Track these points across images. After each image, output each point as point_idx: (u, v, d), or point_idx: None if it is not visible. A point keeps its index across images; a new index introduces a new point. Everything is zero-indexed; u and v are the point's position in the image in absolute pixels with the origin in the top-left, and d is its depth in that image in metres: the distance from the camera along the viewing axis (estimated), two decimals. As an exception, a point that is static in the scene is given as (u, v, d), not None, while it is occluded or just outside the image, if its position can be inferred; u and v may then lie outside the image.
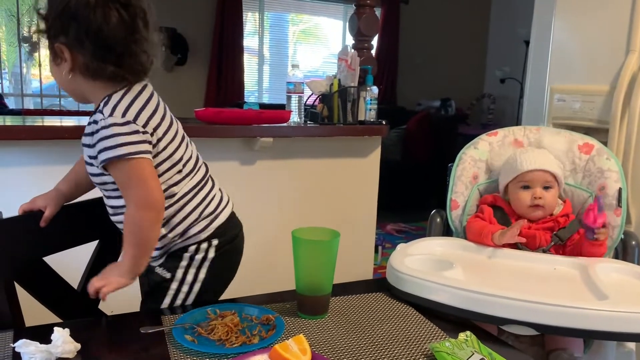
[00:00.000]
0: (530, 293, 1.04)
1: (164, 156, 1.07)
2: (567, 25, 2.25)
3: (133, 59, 1.03)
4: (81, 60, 1.01)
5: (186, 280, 1.14)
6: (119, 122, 0.99)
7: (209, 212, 1.15)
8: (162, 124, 1.07)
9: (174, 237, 1.13)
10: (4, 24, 5.43)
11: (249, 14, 5.91)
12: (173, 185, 1.10)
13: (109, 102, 1.02)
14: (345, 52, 2.34)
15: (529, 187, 1.39)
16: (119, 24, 0.99)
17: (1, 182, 1.74)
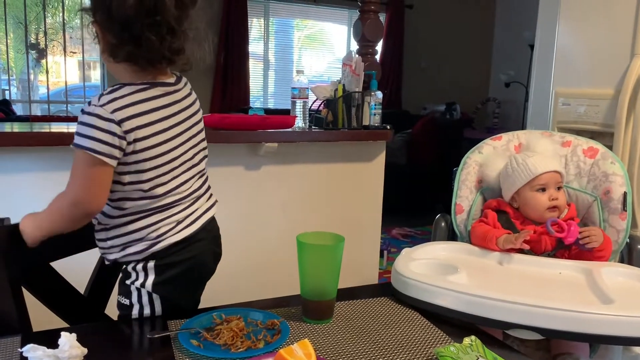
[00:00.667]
0: (536, 297, 1.03)
1: (130, 169, 1.02)
2: (572, 29, 2.25)
3: (150, 43, 1.00)
4: (109, 40, 1.02)
5: (143, 302, 1.10)
6: (103, 117, 0.96)
7: (154, 237, 1.08)
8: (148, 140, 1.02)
9: (112, 247, 1.09)
10: (12, 31, 5.48)
11: (254, 20, 5.94)
12: (127, 200, 1.05)
13: (112, 92, 1.00)
14: (350, 58, 2.35)
15: (545, 189, 1.39)
16: (137, 4, 0.97)
17: (9, 188, 1.75)
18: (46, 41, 5.48)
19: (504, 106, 6.19)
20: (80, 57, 5.66)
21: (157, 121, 1.03)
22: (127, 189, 1.04)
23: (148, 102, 1.03)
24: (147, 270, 1.09)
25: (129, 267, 1.11)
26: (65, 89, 5.52)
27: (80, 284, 1.24)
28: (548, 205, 1.38)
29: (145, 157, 1.02)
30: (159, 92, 1.05)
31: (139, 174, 1.03)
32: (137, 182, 1.03)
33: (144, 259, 1.09)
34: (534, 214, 1.40)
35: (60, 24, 5.48)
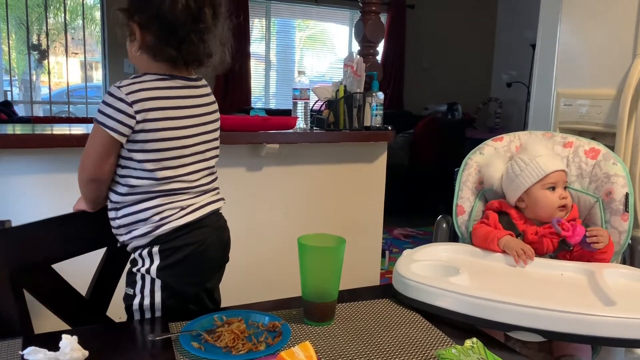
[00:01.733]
0: (537, 299, 1.03)
1: (141, 147, 1.11)
2: (573, 29, 2.25)
3: (192, 47, 1.12)
4: (148, 39, 1.11)
5: (145, 292, 1.16)
6: (118, 96, 1.07)
7: (157, 220, 1.14)
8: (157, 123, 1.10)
9: (120, 227, 1.17)
10: (14, 32, 5.49)
11: (255, 20, 5.95)
12: (137, 179, 1.13)
13: (134, 77, 1.11)
14: (351, 59, 2.35)
15: (554, 187, 1.39)
16: (185, 11, 1.09)
17: (11, 190, 1.75)
18: (48, 42, 5.48)
19: (506, 106, 6.18)
20: (82, 58, 5.66)
21: (170, 108, 1.13)
22: (137, 166, 1.12)
23: (165, 90, 1.13)
24: (152, 255, 1.15)
25: (136, 254, 1.17)
26: (67, 89, 5.53)
27: (82, 286, 1.24)
28: (559, 203, 1.38)
29: (153, 137, 1.10)
30: (178, 84, 1.15)
31: (147, 152, 1.11)
32: (146, 160, 1.11)
33: (148, 243, 1.15)
34: (544, 213, 1.40)
35: (62, 25, 5.48)
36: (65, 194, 1.75)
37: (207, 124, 1.21)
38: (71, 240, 1.19)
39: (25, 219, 1.15)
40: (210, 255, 1.22)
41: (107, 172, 1.13)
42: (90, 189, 1.16)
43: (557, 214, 1.38)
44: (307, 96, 2.26)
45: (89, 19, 5.66)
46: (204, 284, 1.23)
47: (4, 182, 1.74)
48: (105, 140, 1.09)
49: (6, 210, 1.71)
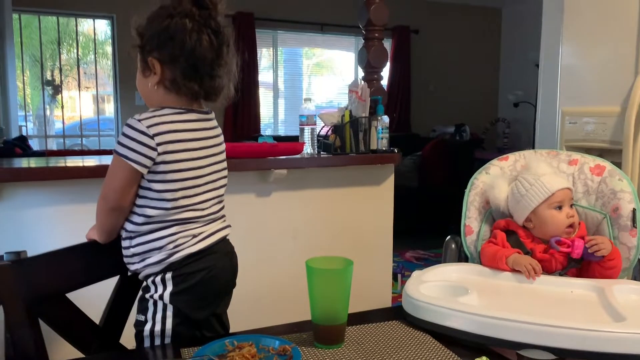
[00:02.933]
0: (548, 317, 1.03)
1: (161, 178, 1.14)
2: (575, 49, 2.27)
3: (213, 81, 1.17)
4: (169, 75, 1.15)
5: (156, 319, 1.17)
6: (139, 129, 1.10)
7: (171, 247, 1.17)
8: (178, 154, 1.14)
9: (134, 255, 1.19)
10: (29, 69, 5.64)
11: (263, 50, 6.06)
12: (155, 209, 1.15)
13: (154, 111, 1.14)
14: (356, 84, 2.39)
15: (561, 207, 1.39)
16: (209, 47, 1.14)
17: (26, 221, 1.79)
18: (61, 77, 5.62)
19: (513, 126, 6.20)
20: (94, 91, 5.79)
21: (188, 140, 1.16)
22: (155, 196, 1.15)
23: (183, 123, 1.16)
24: (165, 282, 1.17)
25: (148, 281, 1.19)
26: (80, 122, 5.64)
27: (95, 313, 1.26)
28: (567, 222, 1.37)
29: (173, 168, 1.14)
30: (194, 117, 1.19)
31: (166, 183, 1.14)
32: (165, 190, 1.14)
33: (161, 270, 1.17)
34: (552, 232, 1.39)
35: (75, 60, 5.62)
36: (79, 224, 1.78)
37: (217, 155, 1.26)
38: (85, 270, 1.22)
39: (40, 249, 1.17)
40: (220, 280, 1.24)
41: (129, 202, 1.16)
42: (110, 219, 1.18)
43: (564, 234, 1.37)
44: (314, 122, 2.30)
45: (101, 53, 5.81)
46: (214, 309, 1.25)
47: (20, 214, 1.78)
48: (127, 171, 1.12)
49: (22, 241, 1.75)
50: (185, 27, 1.12)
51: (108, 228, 1.20)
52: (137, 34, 1.17)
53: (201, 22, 1.13)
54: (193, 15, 1.13)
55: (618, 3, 2.07)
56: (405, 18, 6.20)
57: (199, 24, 1.13)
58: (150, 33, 1.15)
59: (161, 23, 1.13)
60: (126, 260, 1.22)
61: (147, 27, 1.16)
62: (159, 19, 1.14)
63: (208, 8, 1.14)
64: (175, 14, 1.13)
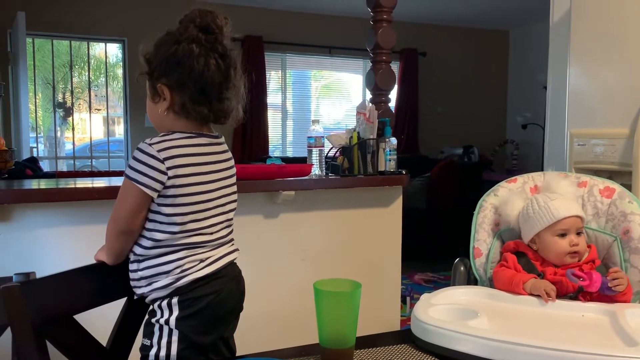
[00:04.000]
0: (559, 341, 1.02)
1: (171, 202, 1.14)
2: (583, 71, 2.28)
3: (222, 104, 1.18)
4: (178, 100, 1.16)
5: (162, 344, 1.17)
6: (150, 153, 1.11)
7: (178, 272, 1.17)
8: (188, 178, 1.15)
9: (141, 279, 1.19)
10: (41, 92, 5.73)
11: (272, 73, 6.12)
12: (163, 233, 1.16)
13: (164, 135, 1.15)
14: (364, 106, 2.40)
15: (565, 234, 1.37)
16: (217, 71, 1.15)
17: (35, 242, 1.80)
18: (72, 99, 5.70)
19: (522, 148, 6.19)
20: (105, 114, 5.87)
21: (198, 164, 1.17)
22: (165, 220, 1.15)
23: (193, 147, 1.17)
24: (172, 306, 1.16)
25: (155, 305, 1.18)
26: (90, 144, 5.70)
27: (102, 335, 1.25)
28: (568, 250, 1.36)
29: (183, 192, 1.14)
30: (204, 142, 1.20)
31: (176, 207, 1.14)
32: (175, 214, 1.15)
33: (168, 295, 1.16)
34: (553, 259, 1.38)
35: (86, 83, 5.71)
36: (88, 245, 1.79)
37: (227, 178, 1.26)
38: (93, 291, 1.22)
39: (48, 270, 1.18)
40: (227, 305, 1.24)
41: (139, 225, 1.16)
42: (120, 242, 1.18)
43: (568, 260, 1.36)
44: (322, 144, 2.31)
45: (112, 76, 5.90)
46: (220, 333, 1.24)
47: (30, 235, 1.80)
48: (137, 195, 1.12)
49: (31, 263, 1.75)
50: (193, 52, 1.13)
51: (117, 251, 1.20)
52: (144, 60, 1.18)
53: (208, 46, 1.14)
54: (200, 40, 1.14)
55: (625, 25, 2.08)
56: (413, 40, 6.26)
57: (206, 49, 1.14)
58: (158, 59, 1.16)
59: (168, 49, 1.14)
60: (133, 284, 1.21)
61: (155, 53, 1.17)
62: (166, 45, 1.15)
63: (214, 33, 1.16)
64: (182, 40, 1.14)
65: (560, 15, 2.58)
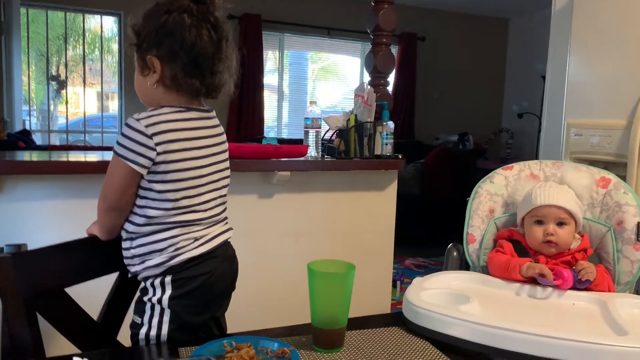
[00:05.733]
0: (549, 328, 1.02)
1: (162, 178, 1.12)
2: (582, 61, 2.27)
3: (214, 77, 1.15)
4: (169, 72, 1.13)
5: (152, 323, 1.15)
6: (138, 130, 1.08)
7: (172, 250, 1.15)
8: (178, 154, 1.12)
9: (134, 257, 1.17)
10: (34, 64, 5.65)
11: (269, 53, 6.06)
12: (156, 209, 1.13)
13: (152, 110, 1.12)
14: (362, 89, 2.39)
15: (543, 222, 1.37)
16: (209, 42, 1.12)
17: (27, 215, 1.79)
18: (66, 73, 5.63)
19: (517, 137, 6.19)
20: (99, 88, 5.80)
21: (189, 139, 1.14)
22: (157, 197, 1.13)
23: (184, 122, 1.14)
24: (165, 285, 1.15)
25: (147, 283, 1.17)
26: (84, 119, 5.65)
27: (93, 310, 1.25)
28: (542, 239, 1.36)
29: (174, 168, 1.12)
30: (194, 116, 1.16)
31: (167, 183, 1.12)
32: (166, 190, 1.12)
33: (161, 273, 1.15)
34: (531, 244, 1.39)
35: (81, 56, 5.64)
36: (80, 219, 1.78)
37: (219, 154, 1.23)
38: (84, 265, 1.21)
39: (40, 243, 1.17)
40: (220, 285, 1.23)
41: (128, 202, 1.14)
42: (110, 218, 1.17)
43: (544, 249, 1.36)
44: (319, 125, 2.30)
45: (106, 50, 5.82)
46: (212, 313, 1.23)
47: (21, 207, 1.78)
48: (126, 172, 1.10)
49: (22, 235, 1.74)
50: (184, 22, 1.10)
51: (108, 227, 1.19)
52: (133, 32, 1.14)
53: (199, 17, 1.11)
54: (191, 10, 1.11)
55: (627, 16, 2.06)
56: (412, 25, 6.21)
57: (198, 19, 1.11)
58: (148, 30, 1.12)
59: (159, 19, 1.11)
60: (126, 262, 1.20)
61: (144, 24, 1.13)
62: (156, 16, 1.12)
63: (205, 3, 1.12)
64: (173, 10, 1.10)
65: (562, 3, 2.56)
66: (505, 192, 1.55)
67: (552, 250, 1.36)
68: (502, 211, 1.55)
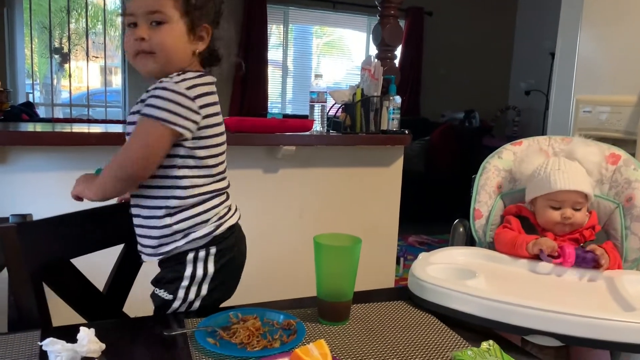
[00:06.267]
0: (555, 303, 1.02)
1: (204, 143, 1.09)
2: (594, 37, 2.23)
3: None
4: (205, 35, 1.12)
5: (188, 298, 1.12)
6: (181, 93, 1.03)
7: (216, 219, 1.13)
8: (214, 118, 1.10)
9: (176, 233, 1.10)
10: (37, 37, 5.59)
11: (273, 27, 5.99)
12: (199, 177, 1.10)
13: (181, 75, 1.06)
14: (369, 62, 2.35)
15: (559, 207, 1.35)
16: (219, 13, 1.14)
17: (31, 185, 1.78)
18: (69, 46, 5.58)
19: (524, 114, 6.13)
20: (102, 62, 5.75)
21: (213, 104, 1.11)
22: (198, 164, 1.09)
23: (206, 86, 1.09)
24: (208, 258, 1.13)
25: (188, 257, 1.12)
26: (87, 93, 5.61)
27: (100, 281, 1.25)
28: (558, 221, 1.35)
29: (213, 133, 1.10)
30: (210, 80, 1.12)
31: (210, 149, 1.10)
32: (207, 157, 1.10)
33: (204, 245, 1.12)
34: (543, 225, 1.38)
35: (84, 30, 5.58)
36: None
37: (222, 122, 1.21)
38: (90, 236, 1.21)
39: (44, 214, 1.17)
40: (243, 257, 1.23)
41: (151, 171, 1.07)
42: (120, 187, 1.09)
43: (558, 229, 1.35)
44: (324, 99, 2.27)
45: (110, 23, 5.75)
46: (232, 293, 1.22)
47: (25, 178, 1.78)
48: (166, 137, 1.03)
49: (26, 206, 1.74)
50: None
51: (110, 194, 1.11)
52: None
53: None
54: None
55: (641, -10, 2.02)
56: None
57: None
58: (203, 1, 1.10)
59: None
60: (160, 241, 1.11)
61: None
62: None
63: None
64: None
65: (574, -23, 2.50)
66: (513, 167, 1.53)
67: (565, 230, 1.35)
68: (510, 187, 1.54)
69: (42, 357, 0.84)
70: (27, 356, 0.85)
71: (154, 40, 1.06)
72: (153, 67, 1.08)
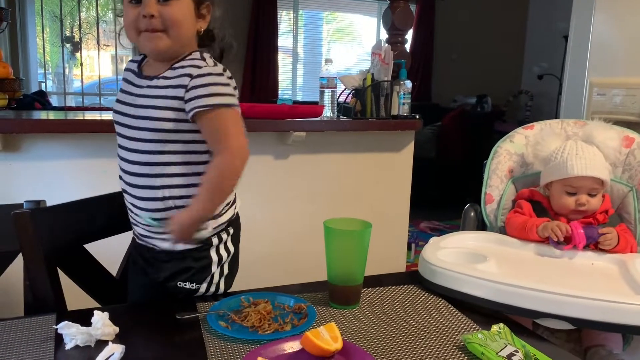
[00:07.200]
0: (567, 286, 1.01)
1: None
2: (608, 18, 2.19)
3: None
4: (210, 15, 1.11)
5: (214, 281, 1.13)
6: (225, 75, 1.04)
7: (234, 200, 1.16)
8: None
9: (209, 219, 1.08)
10: (48, 26, 5.61)
11: (283, 13, 5.95)
12: None
13: (207, 59, 1.05)
14: (379, 47, 2.33)
15: (575, 192, 1.34)
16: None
17: (45, 172, 1.80)
18: (80, 35, 5.59)
19: (536, 99, 6.06)
20: (113, 51, 5.76)
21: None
22: None
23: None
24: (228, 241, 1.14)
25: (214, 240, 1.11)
26: (99, 82, 5.64)
27: (113, 266, 1.27)
28: (573, 208, 1.34)
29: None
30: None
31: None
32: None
33: (224, 229, 1.13)
34: (557, 209, 1.37)
35: (94, 18, 5.59)
36: (96, 178, 1.79)
37: None
38: (102, 222, 1.22)
39: (57, 200, 1.18)
40: None
41: None
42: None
43: (571, 215, 1.34)
44: (334, 84, 2.26)
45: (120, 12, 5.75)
46: None
47: (39, 165, 1.80)
48: (240, 118, 1.05)
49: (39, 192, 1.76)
50: None
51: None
52: None
53: None
54: None
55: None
56: (431, -17, 6.04)
57: None
58: None
59: None
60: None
61: None
62: None
63: None
64: None
65: (588, -43, 2.45)
66: (525, 151, 1.52)
67: (579, 216, 1.34)
68: (522, 171, 1.53)
69: (57, 340, 0.86)
70: (43, 339, 0.86)
71: (165, 16, 1.01)
72: (164, 45, 1.03)
